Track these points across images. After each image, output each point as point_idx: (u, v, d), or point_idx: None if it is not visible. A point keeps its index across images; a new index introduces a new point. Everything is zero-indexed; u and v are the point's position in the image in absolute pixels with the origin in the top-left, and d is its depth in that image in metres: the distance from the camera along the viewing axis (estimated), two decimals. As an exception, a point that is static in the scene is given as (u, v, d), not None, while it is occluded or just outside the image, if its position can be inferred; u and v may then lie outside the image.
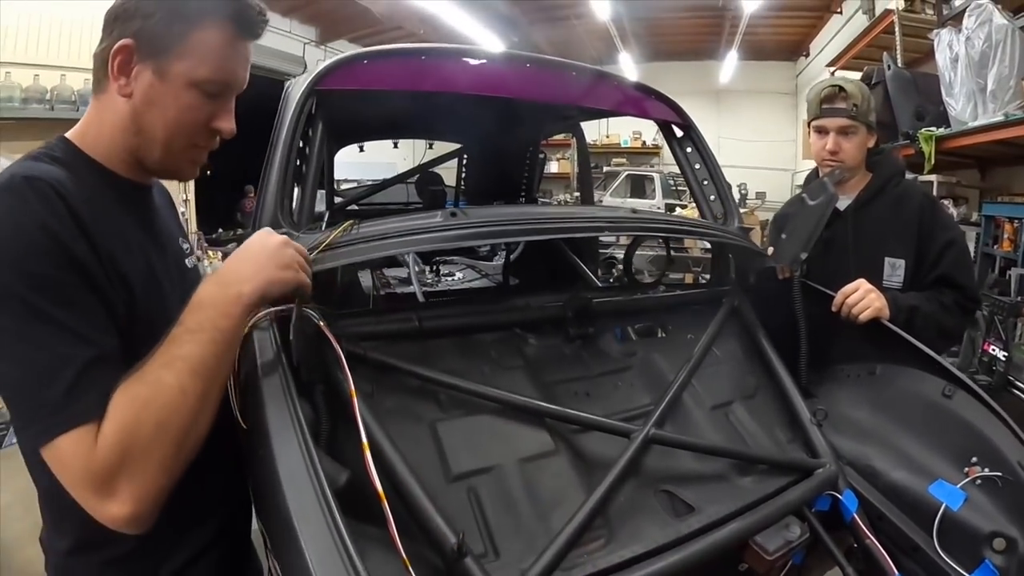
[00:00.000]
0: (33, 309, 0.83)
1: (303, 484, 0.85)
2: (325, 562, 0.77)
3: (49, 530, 1.11)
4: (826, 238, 1.98)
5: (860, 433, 1.60)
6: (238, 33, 1.05)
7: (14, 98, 5.96)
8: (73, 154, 1.04)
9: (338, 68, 1.65)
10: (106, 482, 0.83)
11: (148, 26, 1.00)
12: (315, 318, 1.10)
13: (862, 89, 2.05)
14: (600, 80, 2.17)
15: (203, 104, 1.04)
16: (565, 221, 1.76)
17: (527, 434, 1.35)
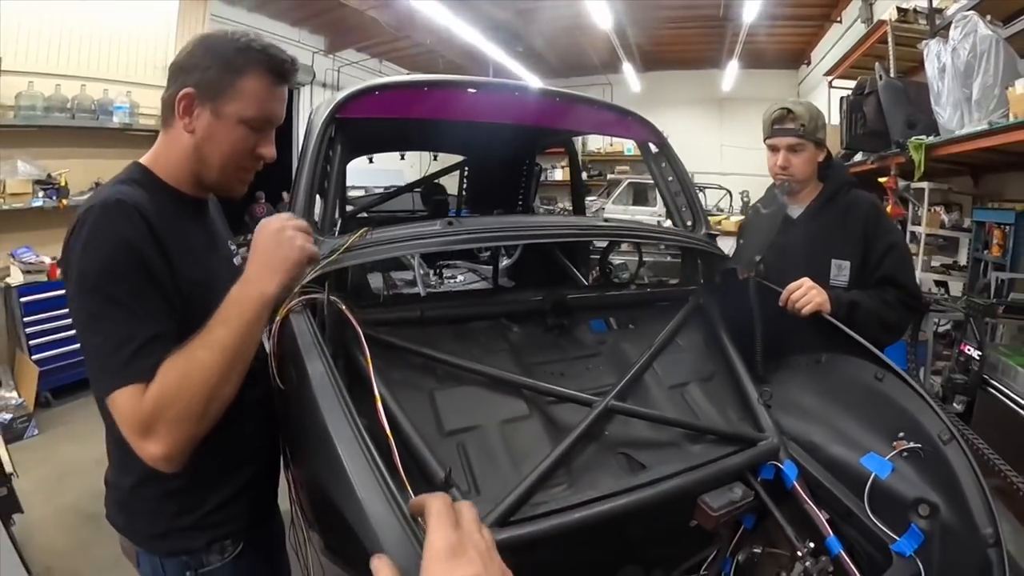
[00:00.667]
0: (113, 298, 1.13)
1: (344, 426, 1.13)
2: (362, 474, 1.04)
3: (115, 470, 1.40)
4: (781, 243, 2.20)
5: (804, 413, 1.81)
6: (275, 80, 1.32)
7: (37, 107, 6.17)
8: (149, 178, 1.34)
9: (354, 99, 1.95)
10: (147, 428, 1.10)
11: (206, 77, 1.28)
12: (339, 304, 1.40)
13: (810, 110, 2.28)
14: (584, 105, 2.46)
15: (249, 136, 1.32)
16: (541, 229, 2.03)
17: (507, 402, 1.62)
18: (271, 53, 1.32)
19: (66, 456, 4.67)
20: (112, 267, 1.13)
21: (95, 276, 1.12)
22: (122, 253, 1.15)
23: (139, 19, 7.12)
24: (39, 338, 5.83)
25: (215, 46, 1.30)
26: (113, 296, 1.13)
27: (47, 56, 6.41)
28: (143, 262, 1.17)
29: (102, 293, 1.12)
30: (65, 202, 6.32)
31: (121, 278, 1.14)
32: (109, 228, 1.16)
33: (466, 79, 2.22)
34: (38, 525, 3.56)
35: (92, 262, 1.13)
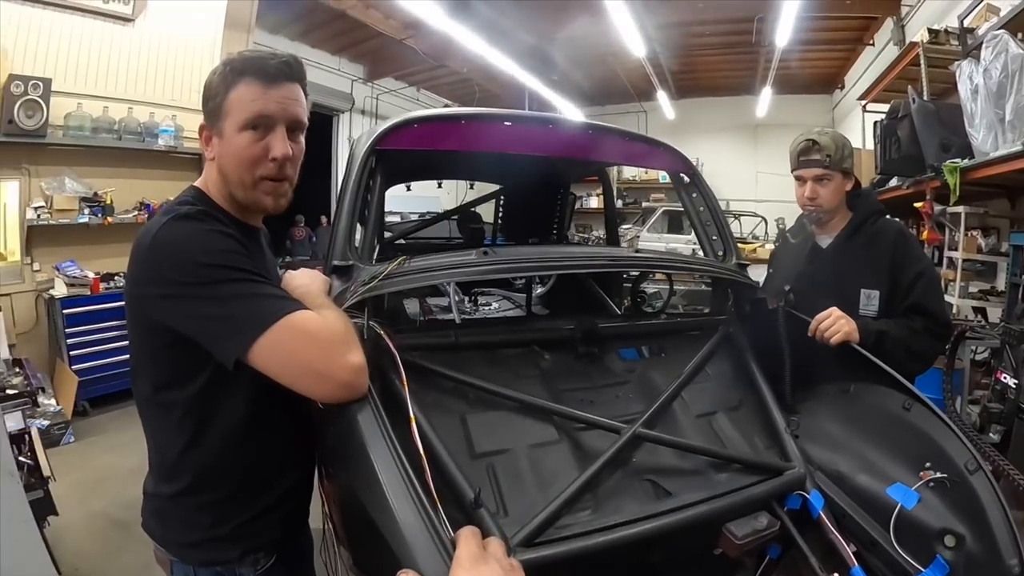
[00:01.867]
0: (246, 275, 1.22)
1: (382, 446, 1.19)
2: (398, 492, 1.10)
3: (155, 479, 1.45)
4: (810, 272, 2.26)
5: (832, 443, 1.81)
6: (256, 80, 1.34)
7: (85, 127, 6.39)
8: (206, 200, 1.41)
9: (394, 131, 2.03)
10: (347, 339, 1.22)
11: (209, 106, 1.38)
12: (378, 329, 1.45)
13: (835, 140, 2.31)
14: (617, 137, 2.51)
15: (253, 141, 1.35)
16: (574, 259, 2.11)
17: (536, 427, 1.65)
18: (249, 57, 1.37)
19: (100, 464, 4.81)
20: (226, 247, 1.24)
21: (209, 256, 1.21)
22: (225, 239, 1.25)
23: (184, 46, 7.37)
24: (79, 349, 6.02)
25: (210, 77, 1.38)
26: (246, 272, 1.22)
27: (95, 79, 6.65)
28: (241, 253, 1.26)
29: (232, 276, 1.20)
30: (110, 220, 6.56)
31: (242, 263, 1.23)
32: (207, 230, 1.25)
33: (502, 112, 2.29)
34: (69, 528, 3.66)
35: (199, 251, 1.21)
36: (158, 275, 1.22)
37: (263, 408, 1.35)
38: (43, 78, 5.93)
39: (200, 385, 1.30)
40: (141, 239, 1.27)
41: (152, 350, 1.32)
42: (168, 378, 1.32)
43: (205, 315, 1.19)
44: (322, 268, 1.81)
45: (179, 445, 1.34)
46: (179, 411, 1.32)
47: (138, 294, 1.28)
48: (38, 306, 6.40)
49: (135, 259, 1.28)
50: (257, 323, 1.16)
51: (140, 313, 1.30)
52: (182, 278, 1.19)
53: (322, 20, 10.73)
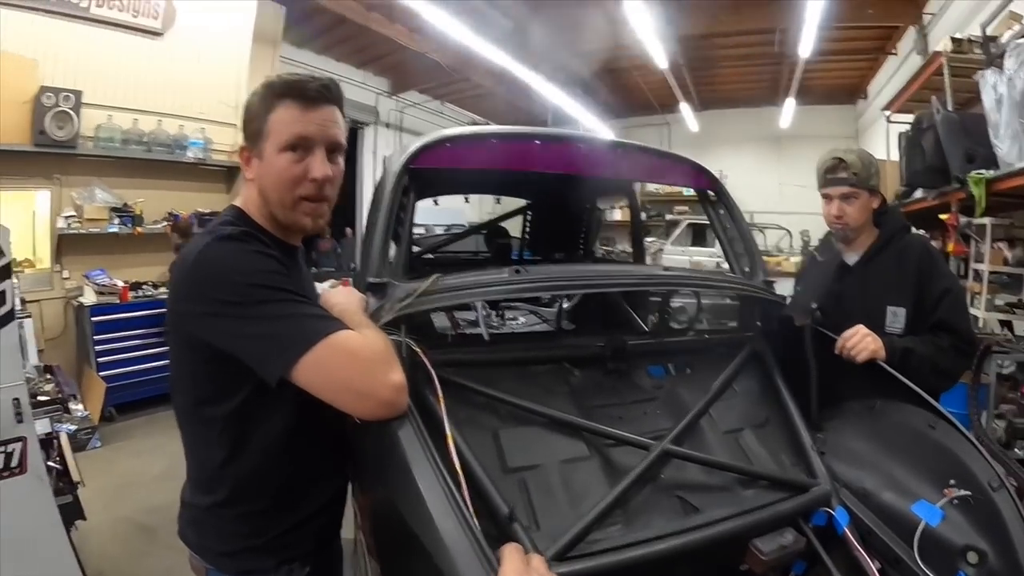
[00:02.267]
0: (288, 295, 1.25)
1: (424, 462, 1.22)
2: (441, 507, 1.13)
3: (193, 489, 1.48)
4: (837, 290, 2.28)
5: (857, 460, 1.83)
6: (296, 102, 1.37)
7: (115, 139, 6.53)
8: (247, 220, 1.44)
9: (427, 150, 2.08)
10: (388, 358, 1.25)
11: (249, 128, 1.42)
12: (413, 345, 1.49)
13: (862, 158, 2.32)
14: (645, 155, 2.54)
15: (293, 162, 1.38)
16: (604, 278, 2.13)
17: (567, 443, 1.68)
18: (289, 80, 1.39)
19: (126, 469, 4.90)
20: (268, 267, 1.27)
21: (253, 276, 1.24)
22: (267, 259, 1.29)
23: (213, 59, 7.53)
24: (107, 356, 6.15)
25: (251, 99, 1.42)
26: (288, 293, 1.25)
27: (126, 92, 6.80)
28: (283, 273, 1.29)
29: (275, 295, 1.23)
30: (140, 229, 6.70)
31: (285, 283, 1.26)
32: (252, 251, 1.29)
33: (533, 131, 2.34)
34: (95, 532, 3.72)
35: (243, 272, 1.24)
36: (202, 294, 1.25)
37: (301, 423, 1.38)
38: (74, 90, 6.09)
39: (240, 401, 1.33)
40: (185, 257, 1.30)
41: (193, 366, 1.35)
42: (208, 394, 1.35)
43: (249, 334, 1.22)
44: (347, 280, 1.84)
45: (218, 458, 1.37)
46: (219, 426, 1.36)
47: (181, 311, 1.30)
48: (67, 313, 6.56)
49: (179, 277, 1.31)
50: (301, 342, 1.19)
51: (183, 330, 1.33)
52: (227, 297, 1.22)
53: (347, 34, 10.86)
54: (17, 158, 5.97)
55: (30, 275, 6.48)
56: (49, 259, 6.55)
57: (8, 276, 2.64)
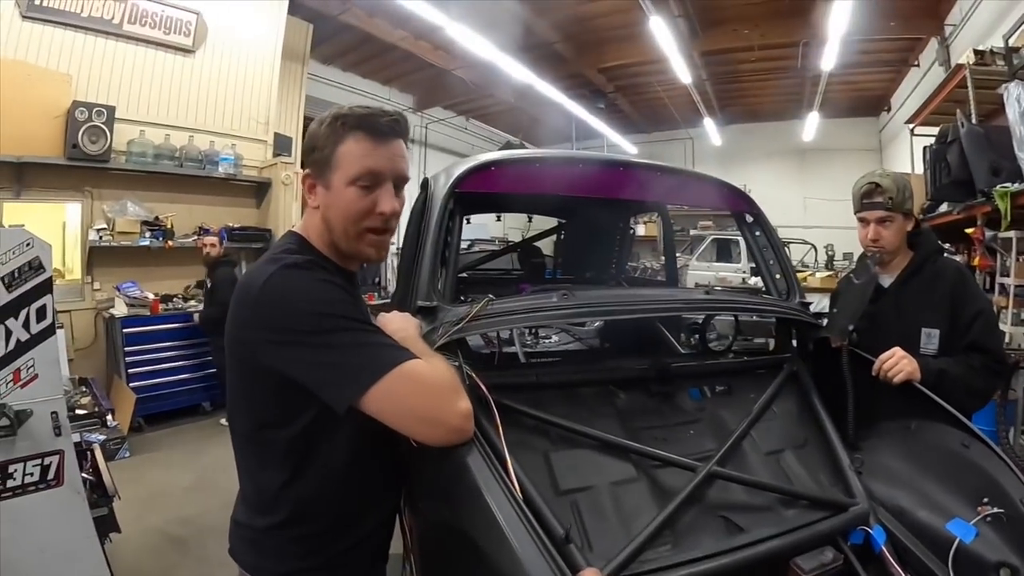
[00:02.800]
0: (357, 324, 1.28)
1: (495, 485, 1.28)
2: (518, 529, 1.19)
3: (249, 511, 1.49)
4: (872, 312, 2.29)
5: (893, 479, 1.86)
6: (368, 136, 1.39)
7: (147, 154, 6.67)
8: (309, 248, 1.46)
9: (472, 174, 2.13)
10: (456, 387, 1.29)
11: (315, 156, 1.42)
12: (467, 370, 1.54)
13: (897, 182, 2.35)
14: (682, 178, 2.60)
15: (362, 197, 1.40)
16: (652, 304, 2.18)
17: (616, 464, 1.73)
18: (358, 114, 1.39)
19: (155, 480, 4.93)
20: (336, 297, 1.30)
21: (322, 306, 1.26)
22: (335, 289, 1.32)
23: (243, 76, 7.68)
24: (137, 367, 6.23)
25: (319, 126, 1.43)
26: (360, 322, 1.28)
27: (158, 107, 6.96)
28: (350, 302, 1.33)
29: (348, 325, 1.26)
30: (171, 243, 6.80)
31: (355, 313, 1.30)
32: (313, 274, 1.32)
33: (575, 155, 2.40)
34: (126, 543, 3.72)
35: (312, 301, 1.27)
36: (270, 322, 1.27)
37: (362, 447, 1.41)
38: (107, 105, 6.25)
39: (303, 425, 1.35)
40: (249, 284, 1.32)
41: (256, 391, 1.38)
42: (271, 418, 1.37)
43: (320, 362, 1.24)
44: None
45: (278, 481, 1.39)
46: (280, 449, 1.38)
47: (245, 338, 1.33)
48: (97, 324, 6.68)
49: (242, 303, 1.32)
50: (372, 371, 1.22)
51: (247, 356, 1.34)
52: (296, 326, 1.24)
53: (373, 51, 11.06)
54: (50, 171, 6.16)
55: (61, 286, 6.53)
56: (80, 271, 6.68)
57: (49, 291, 2.69)
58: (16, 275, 2.60)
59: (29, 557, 2.55)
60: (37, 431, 2.60)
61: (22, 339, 2.60)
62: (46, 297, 2.68)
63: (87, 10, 6.37)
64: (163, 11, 6.94)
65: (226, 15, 7.56)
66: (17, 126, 5.74)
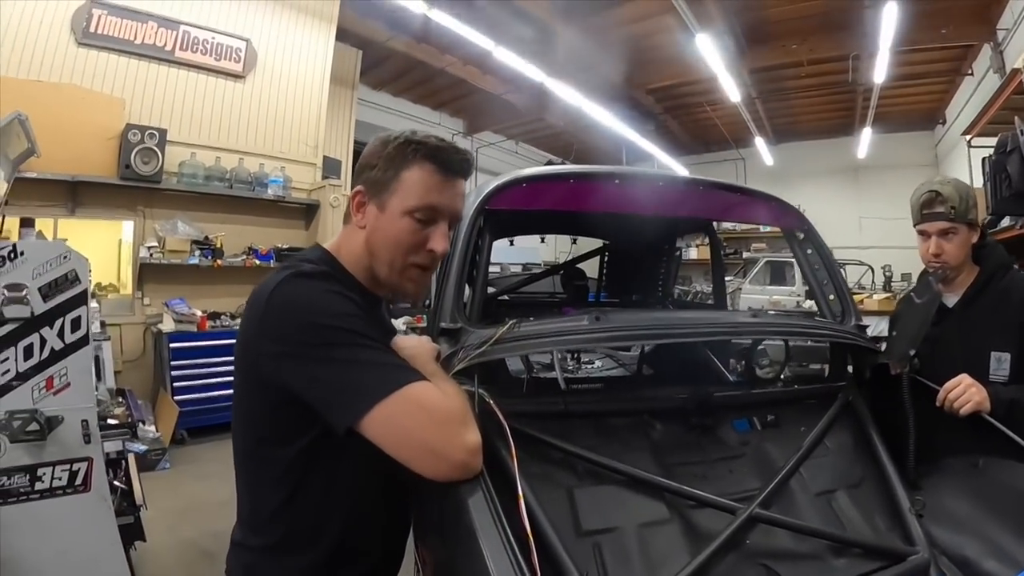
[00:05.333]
0: (363, 339, 1.18)
1: (492, 531, 1.16)
2: (500, 562, 1.09)
3: (244, 530, 1.39)
4: (935, 335, 2.07)
5: (958, 524, 1.66)
6: (438, 170, 1.32)
7: (198, 175, 6.88)
8: (334, 264, 1.38)
9: (502, 190, 2.03)
10: (465, 418, 1.17)
11: (373, 175, 1.34)
12: (486, 398, 1.42)
13: (959, 189, 2.13)
14: (727, 193, 2.44)
15: (416, 229, 1.33)
16: (688, 327, 1.99)
17: (647, 504, 1.58)
18: (432, 144, 1.33)
19: (193, 492, 4.97)
20: (344, 310, 1.20)
21: (328, 318, 1.17)
22: (345, 301, 1.22)
23: (293, 100, 7.90)
24: (182, 381, 6.36)
25: (384, 144, 1.35)
26: (366, 337, 1.18)
27: (209, 130, 7.19)
28: (360, 316, 1.22)
29: (352, 340, 1.17)
30: (220, 262, 6.97)
31: (363, 328, 1.19)
32: (323, 285, 1.23)
33: (610, 170, 2.26)
34: (156, 553, 3.78)
35: (318, 312, 1.18)
36: (275, 332, 1.19)
37: (369, 473, 1.31)
38: (159, 128, 6.49)
39: (304, 445, 1.26)
40: (259, 293, 1.25)
41: (258, 404, 1.30)
42: (272, 434, 1.29)
43: (320, 378, 1.16)
44: (420, 317, 1.81)
45: (274, 501, 1.30)
46: (279, 468, 1.29)
47: (252, 347, 1.24)
48: (146, 338, 6.88)
49: (251, 312, 1.26)
50: (373, 392, 1.12)
51: (252, 366, 1.26)
52: (300, 337, 1.16)
53: (422, 77, 11.26)
54: (104, 190, 6.43)
55: (113, 300, 6.89)
56: (131, 286, 6.93)
57: (84, 303, 2.76)
58: (52, 286, 2.69)
59: (52, 558, 2.63)
60: (67, 437, 2.68)
61: (56, 348, 2.68)
62: (81, 309, 2.75)
63: (140, 37, 6.67)
64: (214, 38, 7.22)
65: (275, 42, 7.81)
66: (72, 147, 5.97)
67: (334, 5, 8.28)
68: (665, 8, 7.93)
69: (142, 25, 6.68)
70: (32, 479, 2.60)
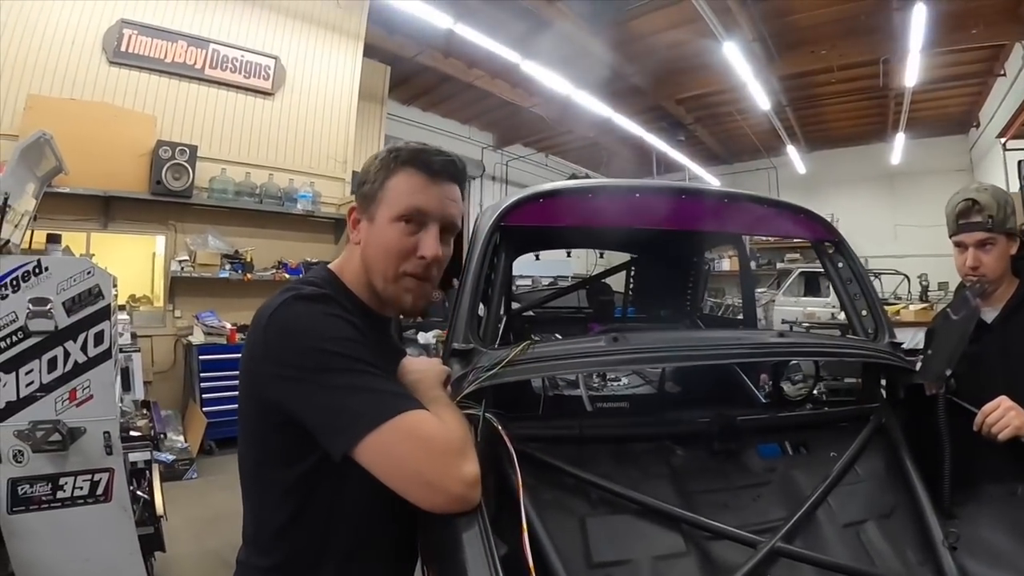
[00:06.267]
0: (361, 365, 1.15)
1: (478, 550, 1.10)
2: None
3: (248, 551, 1.37)
4: (974, 352, 1.94)
5: (994, 557, 1.56)
6: (419, 172, 1.31)
7: (228, 190, 6.99)
8: (337, 285, 1.36)
9: (518, 207, 1.97)
10: (463, 449, 1.14)
11: (364, 189, 1.34)
12: (494, 422, 1.35)
13: (997, 196, 2.02)
14: (754, 205, 2.35)
15: (404, 236, 1.30)
16: (711, 349, 1.91)
17: (663, 535, 1.51)
18: (412, 148, 1.32)
19: (219, 502, 5.00)
20: (342, 334, 1.17)
21: (325, 342, 1.15)
22: (344, 325, 1.19)
23: (322, 116, 8.01)
24: (212, 393, 6.44)
25: (373, 159, 1.35)
26: (363, 362, 1.16)
27: (239, 147, 7.33)
28: (360, 341, 1.20)
29: (350, 365, 1.14)
30: (250, 276, 7.08)
31: (362, 353, 1.17)
32: (323, 308, 1.21)
33: (632, 184, 2.21)
34: (178, 562, 3.83)
35: (315, 335, 1.16)
36: (273, 354, 1.18)
37: (372, 499, 1.25)
38: (189, 144, 6.63)
39: (306, 468, 1.24)
40: (260, 315, 1.24)
41: (260, 427, 1.28)
42: (274, 455, 1.27)
43: (316, 403, 1.14)
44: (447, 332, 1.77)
45: (277, 522, 1.28)
46: (282, 489, 1.27)
47: (252, 369, 1.23)
48: (176, 349, 7.00)
49: (252, 334, 1.25)
50: (368, 420, 1.10)
51: (253, 388, 1.26)
52: (297, 361, 1.14)
53: (451, 91, 11.35)
54: (136, 205, 6.59)
55: (145, 312, 7.05)
56: (163, 299, 7.07)
57: (107, 318, 2.83)
58: (76, 301, 2.77)
59: (74, 566, 2.72)
60: (89, 448, 2.76)
61: (79, 361, 2.76)
62: (104, 323, 2.82)
63: (170, 56, 6.84)
64: (243, 56, 7.36)
65: (303, 59, 7.95)
66: (104, 163, 6.14)
67: (361, 22, 8.40)
68: (692, 17, 7.88)
69: (172, 44, 6.85)
70: (54, 488, 2.68)
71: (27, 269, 2.66)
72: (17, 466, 2.63)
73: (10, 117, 5.84)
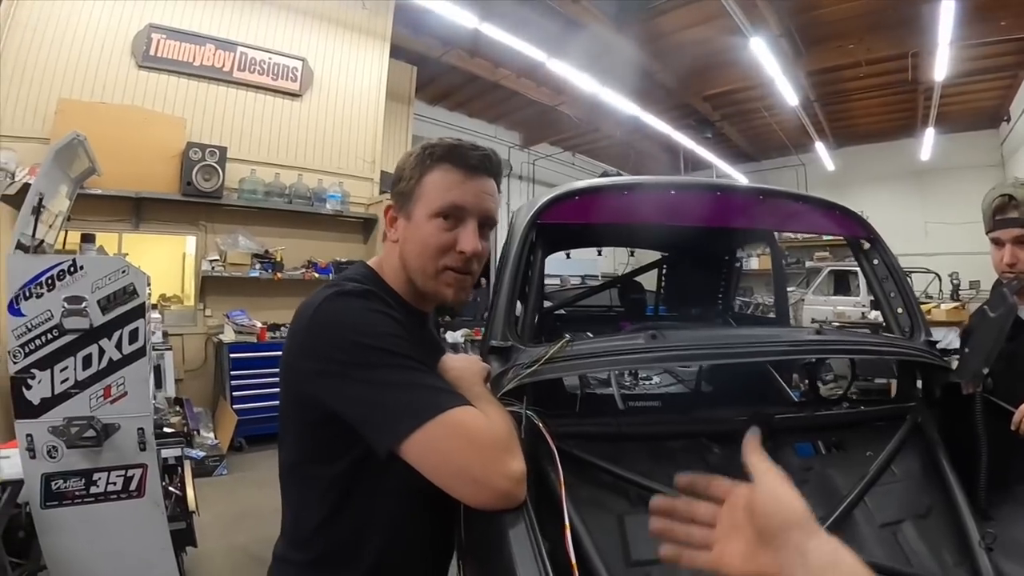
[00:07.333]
0: (406, 360, 1.15)
1: (532, 567, 1.09)
2: None
3: (286, 545, 1.37)
4: (1011, 351, 1.91)
5: None
6: (456, 168, 1.30)
7: (258, 191, 7.07)
8: (377, 281, 1.36)
9: (554, 204, 1.97)
10: (509, 445, 1.13)
11: (400, 187, 1.34)
12: (535, 419, 1.36)
13: None
14: (788, 201, 2.33)
15: (442, 231, 1.29)
16: (747, 347, 1.88)
17: None
18: (447, 144, 1.32)
19: (248, 498, 5.07)
20: (387, 329, 1.17)
21: (370, 337, 1.14)
22: (387, 320, 1.19)
23: (350, 117, 8.10)
24: (242, 391, 6.54)
25: (408, 156, 1.35)
26: (407, 358, 1.15)
27: (268, 148, 7.43)
28: (403, 337, 1.19)
29: (394, 360, 1.14)
30: (280, 275, 7.17)
31: (406, 349, 1.16)
32: (366, 303, 1.20)
33: (666, 181, 2.20)
34: (209, 557, 3.88)
35: (359, 331, 1.15)
36: (316, 350, 1.18)
37: (413, 496, 1.25)
38: (219, 146, 6.74)
39: (346, 465, 1.24)
40: (302, 311, 1.24)
41: (301, 423, 1.29)
42: (314, 452, 1.28)
43: (361, 399, 1.13)
44: (478, 330, 1.76)
45: (316, 518, 1.28)
46: (322, 485, 1.27)
47: (294, 366, 1.23)
48: (207, 348, 7.11)
49: (294, 330, 1.25)
50: (414, 415, 1.09)
51: (294, 384, 1.26)
52: (341, 356, 1.14)
53: (477, 91, 11.40)
54: (166, 206, 6.70)
55: (176, 311, 7.19)
56: (194, 298, 7.19)
57: (141, 315, 2.87)
58: (111, 299, 2.82)
59: (105, 559, 2.78)
60: (123, 444, 2.82)
61: (114, 358, 2.82)
62: (138, 321, 2.87)
63: (199, 59, 6.96)
64: (271, 59, 7.46)
65: (330, 61, 8.04)
66: (135, 165, 6.25)
67: (387, 23, 8.47)
68: (718, 12, 7.83)
69: (200, 47, 6.97)
70: (87, 483, 2.75)
71: (62, 268, 2.72)
72: (51, 462, 2.69)
73: (41, 121, 5.97)
